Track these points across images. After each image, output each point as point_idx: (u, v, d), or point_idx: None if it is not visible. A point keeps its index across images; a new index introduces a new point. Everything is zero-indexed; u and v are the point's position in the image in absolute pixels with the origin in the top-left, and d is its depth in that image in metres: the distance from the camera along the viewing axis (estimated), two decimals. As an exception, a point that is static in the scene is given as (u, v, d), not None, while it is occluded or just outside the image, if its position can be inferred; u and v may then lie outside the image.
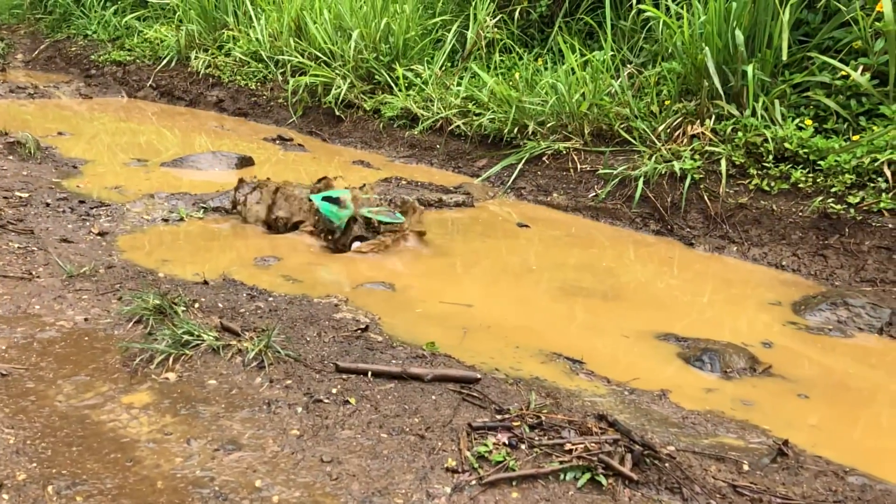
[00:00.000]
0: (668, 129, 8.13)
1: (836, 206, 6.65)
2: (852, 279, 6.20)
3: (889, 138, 6.75)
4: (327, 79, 10.95)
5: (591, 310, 5.41)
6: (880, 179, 6.59)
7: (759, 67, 7.75)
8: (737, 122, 7.65)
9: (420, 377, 4.01)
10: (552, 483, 3.18)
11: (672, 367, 4.61)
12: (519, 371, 4.34)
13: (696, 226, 7.31)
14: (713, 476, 3.26)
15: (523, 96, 9.17)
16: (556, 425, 3.56)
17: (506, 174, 8.77)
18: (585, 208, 8.02)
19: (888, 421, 4.26)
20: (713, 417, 3.97)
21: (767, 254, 6.74)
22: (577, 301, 5.53)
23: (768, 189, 7.12)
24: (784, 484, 3.29)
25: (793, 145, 7.17)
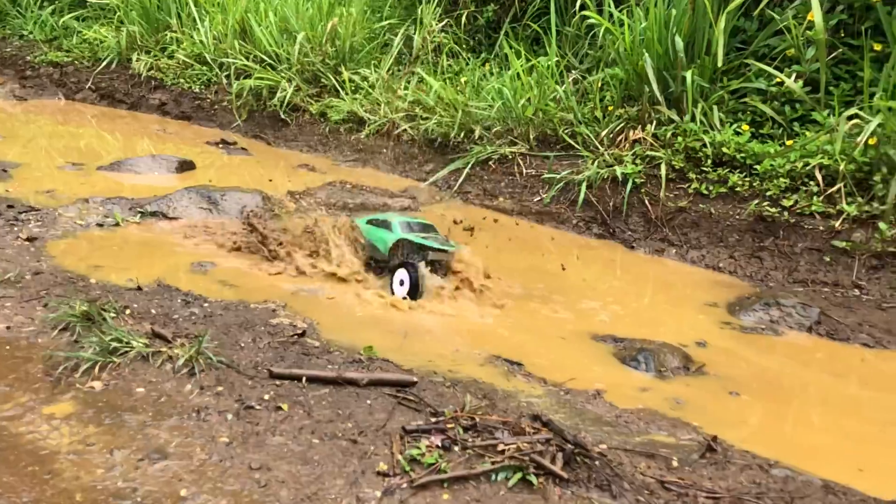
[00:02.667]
0: (610, 134, 8.24)
1: (771, 210, 6.83)
2: (786, 280, 6.37)
3: (820, 143, 6.96)
4: (273, 82, 10.82)
5: (532, 312, 5.44)
6: (812, 183, 6.79)
7: (698, 73, 7.92)
8: (677, 128, 7.80)
9: (355, 382, 3.97)
10: (483, 484, 3.17)
11: (608, 367, 4.66)
12: (457, 374, 4.33)
13: (638, 229, 7.43)
14: (642, 473, 3.30)
15: (470, 101, 9.20)
16: (491, 426, 3.56)
17: (453, 178, 8.78)
18: (531, 212, 8.08)
19: (814, 416, 4.38)
20: (646, 416, 4.02)
21: (705, 256, 6.89)
22: (518, 303, 5.56)
23: (707, 193, 7.28)
24: (711, 478, 3.35)
25: (730, 150, 7.34)
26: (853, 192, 6.58)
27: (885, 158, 6.48)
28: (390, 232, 5.76)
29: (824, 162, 6.76)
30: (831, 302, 5.89)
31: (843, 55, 7.57)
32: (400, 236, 5.68)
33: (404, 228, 5.77)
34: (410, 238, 5.64)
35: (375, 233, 5.88)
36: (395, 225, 5.79)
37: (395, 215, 6.07)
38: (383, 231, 5.82)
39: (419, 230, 5.83)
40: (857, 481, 3.49)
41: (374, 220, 6.03)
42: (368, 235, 5.94)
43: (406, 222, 5.87)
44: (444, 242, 5.77)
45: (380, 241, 5.82)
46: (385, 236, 5.78)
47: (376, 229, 5.88)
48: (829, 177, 6.72)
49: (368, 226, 6.00)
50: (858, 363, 5.01)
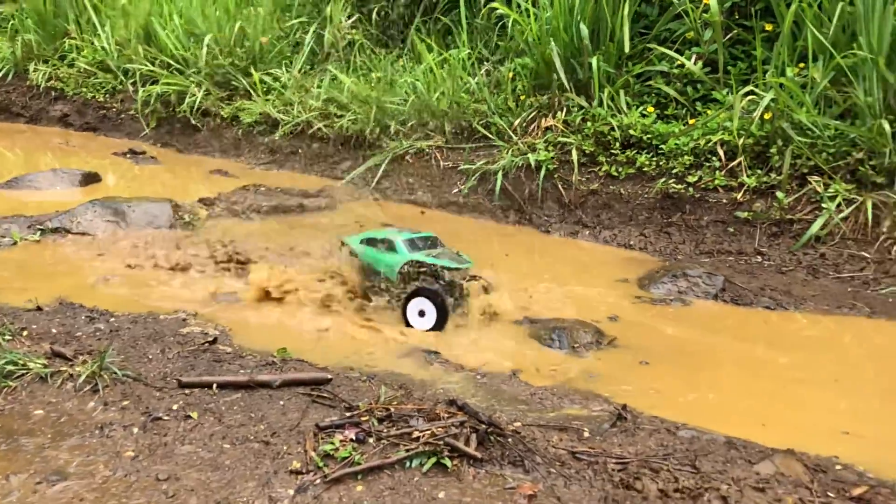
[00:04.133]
0: (523, 122, 8.36)
1: (677, 186, 7.06)
2: (693, 252, 6.61)
3: (720, 120, 7.24)
4: (181, 87, 10.55)
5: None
6: (714, 159, 7.05)
7: (604, 59, 8.12)
8: (586, 113, 7.98)
9: (268, 384, 3.91)
10: (398, 472, 3.18)
11: (524, 347, 4.73)
12: (374, 368, 4.32)
13: (553, 214, 7.57)
14: (554, 446, 3.37)
15: (384, 96, 9.18)
16: (406, 415, 3.57)
17: (370, 175, 8.75)
18: (449, 204, 8.12)
19: (721, 378, 4.53)
20: (559, 391, 4.10)
21: (617, 235, 7.08)
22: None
23: (617, 174, 7.47)
24: (621, 445, 3.44)
25: (637, 132, 7.56)
26: (752, 165, 6.87)
27: (780, 131, 6.78)
28: (395, 253, 5.07)
29: (725, 138, 7.04)
30: (735, 270, 6.14)
31: (739, 36, 7.88)
32: (409, 257, 5.02)
33: (411, 247, 5.09)
34: (422, 259, 5.00)
35: (377, 255, 5.15)
36: (400, 244, 5.08)
37: (394, 231, 5.36)
38: (386, 252, 5.12)
39: (426, 246, 5.18)
40: (759, 435, 3.65)
41: (370, 239, 5.28)
42: (367, 258, 5.20)
43: (410, 239, 5.17)
44: (457, 258, 5.13)
45: (384, 265, 5.08)
46: (390, 259, 5.07)
47: (377, 251, 5.17)
48: (729, 152, 7.00)
49: (365, 247, 5.24)
50: (762, 325, 5.24)
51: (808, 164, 6.60)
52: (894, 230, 6.12)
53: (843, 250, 6.18)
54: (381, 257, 5.13)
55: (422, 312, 4.91)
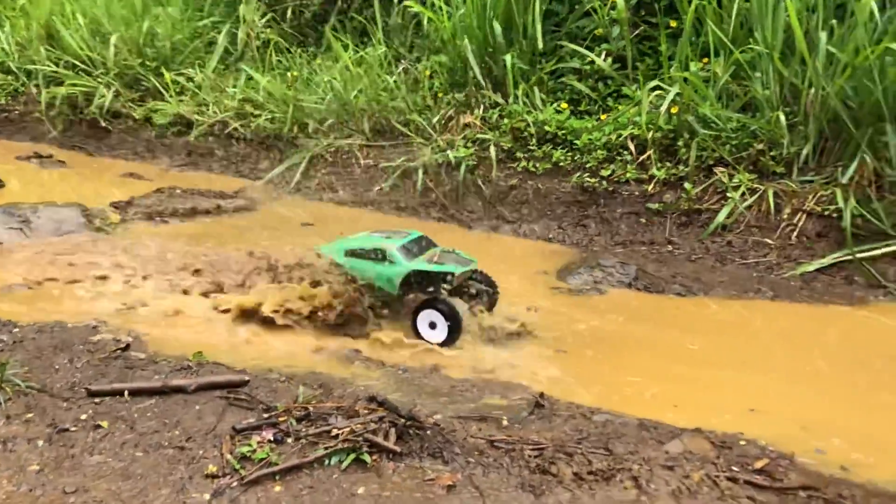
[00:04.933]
0: (442, 120, 8.42)
1: (591, 180, 7.25)
2: (608, 244, 6.80)
3: (630, 115, 7.48)
4: (88, 88, 10.13)
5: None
6: (626, 153, 7.28)
7: (518, 57, 8.25)
8: (503, 110, 8.10)
9: (183, 389, 3.82)
10: (317, 470, 3.16)
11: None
12: (294, 368, 4.27)
13: (475, 210, 7.65)
14: (473, 436, 3.42)
15: (301, 95, 9.09)
16: (325, 413, 3.55)
17: (289, 174, 8.63)
18: (371, 202, 8.10)
19: (635, 363, 4.68)
20: (480, 383, 4.17)
21: (536, 229, 7.22)
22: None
23: (534, 170, 7.61)
24: (538, 432, 3.53)
25: (552, 128, 7.72)
26: (661, 158, 7.13)
27: (686, 125, 7.06)
28: (392, 264, 4.70)
29: (635, 132, 7.27)
30: (648, 259, 6.36)
31: (645, 32, 8.15)
32: (409, 267, 4.66)
33: (407, 255, 4.74)
34: (425, 268, 4.67)
35: (370, 268, 4.74)
36: (395, 253, 4.69)
37: (379, 238, 4.91)
38: (381, 264, 4.72)
39: (420, 249, 4.85)
40: (670, 417, 3.80)
41: (356, 250, 4.81)
42: (358, 272, 4.78)
43: (401, 245, 4.78)
44: (457, 258, 4.82)
45: (382, 279, 4.70)
46: (388, 271, 4.69)
47: (369, 263, 4.76)
48: (640, 146, 7.24)
49: (354, 259, 4.80)
50: (673, 311, 5.45)
51: (714, 156, 6.90)
52: (794, 217, 6.46)
53: (747, 237, 6.48)
54: (377, 270, 4.71)
55: (433, 324, 4.66)
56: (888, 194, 6.19)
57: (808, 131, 6.57)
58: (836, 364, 4.72)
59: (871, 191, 6.21)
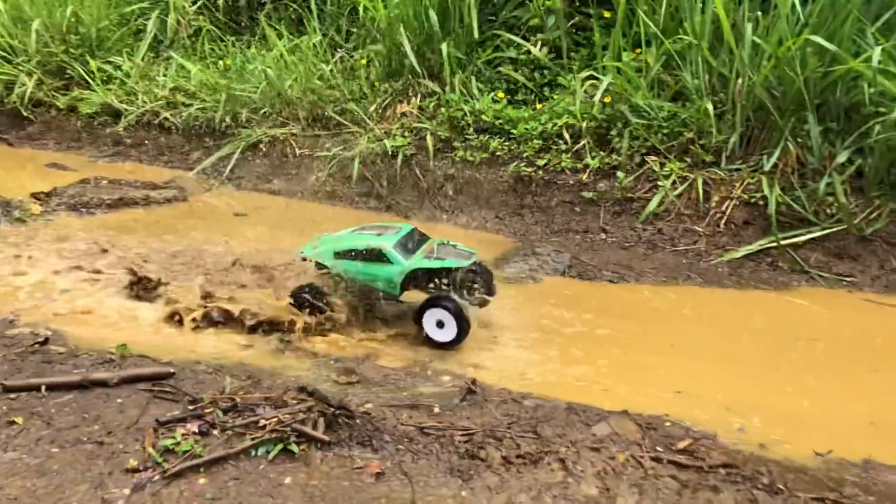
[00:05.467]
0: (379, 109, 8.36)
1: (528, 170, 7.29)
2: (544, 232, 6.86)
3: (565, 105, 7.55)
4: (9, 76, 9.69)
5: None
6: (561, 142, 7.35)
7: (455, 46, 8.24)
8: (440, 99, 8.08)
9: (105, 382, 3.69)
10: (243, 461, 3.10)
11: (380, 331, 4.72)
12: (222, 360, 4.18)
13: (412, 199, 7.61)
14: (403, 423, 3.40)
15: (234, 84, 8.88)
16: (252, 404, 3.48)
17: (222, 165, 8.43)
18: (307, 192, 7.97)
19: (566, 349, 4.71)
20: (413, 372, 4.15)
21: (475, 218, 7.23)
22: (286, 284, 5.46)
23: (472, 159, 7.61)
24: (469, 418, 3.53)
25: (489, 117, 7.73)
26: (596, 147, 7.22)
27: (619, 114, 7.17)
28: (390, 263, 4.48)
29: (570, 122, 7.34)
30: (582, 247, 6.45)
31: (580, 23, 8.24)
32: (409, 266, 4.45)
33: (404, 252, 4.53)
34: (426, 266, 4.49)
35: (366, 269, 4.51)
36: (392, 252, 4.46)
37: (370, 236, 4.64)
38: (377, 264, 4.49)
39: (416, 244, 4.67)
40: (600, 400, 3.86)
41: (347, 251, 4.55)
42: (353, 275, 4.55)
43: (397, 242, 4.55)
44: (457, 252, 4.69)
45: (381, 280, 4.51)
46: (386, 271, 4.48)
47: (364, 264, 4.52)
48: (575, 135, 7.31)
49: (346, 261, 4.56)
50: (605, 298, 5.53)
51: (646, 145, 7.02)
52: (722, 205, 6.63)
53: (678, 225, 6.63)
54: (373, 271, 4.49)
55: (440, 323, 4.47)
56: (811, 182, 6.41)
57: (736, 120, 6.75)
58: (760, 347, 4.87)
59: (795, 178, 6.43)
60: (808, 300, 5.64)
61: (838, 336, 5.04)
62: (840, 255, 6.09)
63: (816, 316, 5.44)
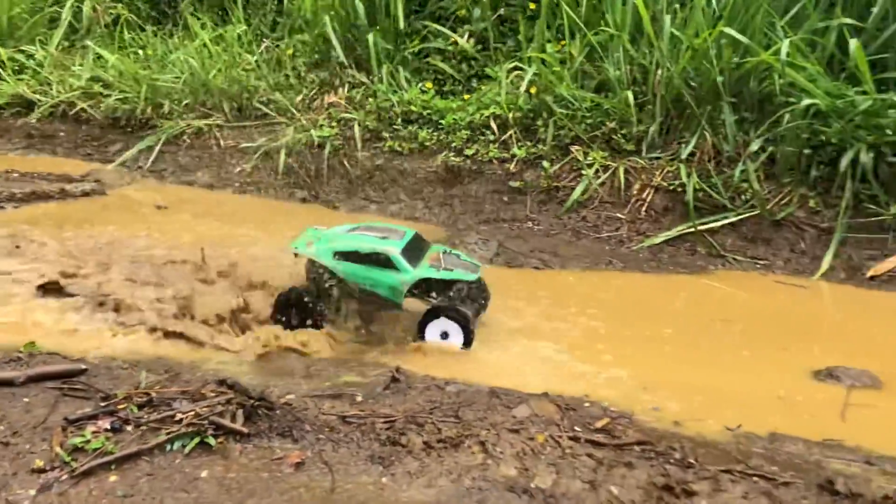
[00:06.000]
0: (305, 99, 8.26)
1: (456, 160, 7.32)
2: (473, 222, 6.91)
3: (492, 96, 7.61)
4: None
5: (226, 286, 5.26)
6: (488, 132, 7.41)
7: (382, 36, 8.20)
8: (367, 89, 8.04)
9: (11, 381, 3.54)
10: (158, 456, 3.02)
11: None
12: (139, 355, 4.06)
13: (340, 190, 7.55)
14: (324, 413, 3.38)
15: (155, 74, 8.63)
16: (169, 399, 3.40)
17: (143, 157, 8.18)
18: (232, 184, 7.82)
19: (491, 336, 4.73)
20: (336, 362, 4.13)
21: (403, 209, 7.23)
22: (210, 277, 5.34)
23: (400, 150, 7.60)
24: (391, 405, 3.53)
25: (417, 107, 7.73)
26: (522, 138, 7.30)
27: (544, 105, 7.27)
28: (396, 270, 4.24)
29: (497, 112, 7.41)
30: (509, 235, 6.53)
31: (506, 14, 8.30)
32: (416, 276, 4.25)
33: (411, 259, 4.31)
34: (435, 276, 4.31)
35: (369, 274, 4.26)
36: (399, 259, 4.22)
37: (374, 238, 4.39)
38: (383, 270, 4.25)
39: (419, 252, 4.45)
40: (522, 383, 3.92)
41: (350, 252, 4.29)
42: (353, 278, 4.28)
43: (403, 248, 4.32)
44: (463, 263, 4.51)
45: (384, 287, 4.26)
46: (391, 278, 4.25)
47: (367, 268, 4.26)
48: (502, 125, 7.38)
49: (348, 263, 4.28)
50: (531, 284, 5.61)
51: (570, 135, 7.14)
52: (643, 192, 6.81)
53: (601, 213, 6.77)
54: (376, 276, 4.23)
55: (444, 334, 4.36)
56: (726, 169, 6.64)
57: (656, 110, 6.93)
58: (678, 328, 5.02)
59: (711, 166, 6.65)
60: (724, 283, 5.85)
61: (751, 317, 5.25)
62: (754, 239, 6.34)
63: (731, 298, 5.66)
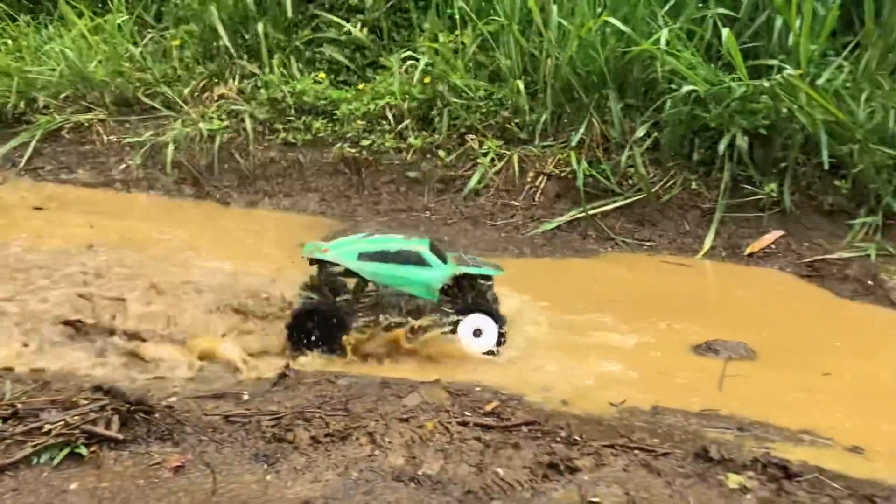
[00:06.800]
0: (194, 91, 7.96)
1: (352, 150, 7.25)
2: (371, 213, 6.87)
3: (387, 85, 7.57)
4: None
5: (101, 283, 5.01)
6: (385, 122, 7.36)
7: (272, 26, 8.01)
8: (259, 80, 7.82)
9: None
10: (23, 471, 2.84)
11: (194, 316, 4.50)
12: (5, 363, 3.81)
13: (232, 184, 7.33)
14: (207, 414, 3.27)
15: (28, 66, 8.12)
16: (37, 409, 3.19)
17: (17, 154, 7.68)
18: (117, 181, 7.46)
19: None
20: (226, 364, 4.01)
21: (298, 202, 7.10)
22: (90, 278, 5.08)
23: (294, 141, 7.45)
24: (279, 402, 3.46)
25: (311, 98, 7.59)
26: (418, 127, 7.30)
27: (439, 94, 7.29)
28: (428, 267, 4.21)
29: (392, 102, 7.37)
30: (406, 225, 6.53)
31: (400, 4, 8.25)
32: (451, 271, 4.26)
33: (439, 256, 4.31)
34: (468, 271, 4.32)
35: (402, 273, 4.20)
36: (429, 255, 4.23)
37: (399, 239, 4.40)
38: (414, 267, 4.20)
39: (439, 252, 4.41)
40: (415, 373, 3.93)
41: (376, 253, 4.24)
42: (385, 279, 4.23)
43: (430, 246, 4.34)
44: (487, 265, 4.57)
45: (416, 284, 4.21)
46: (425, 275, 4.21)
47: (398, 267, 4.20)
48: (398, 115, 7.35)
49: (376, 263, 4.22)
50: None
51: (466, 124, 7.20)
52: (537, 180, 6.94)
53: (497, 201, 6.87)
54: (409, 275, 4.20)
55: (478, 332, 4.31)
56: (614, 155, 6.86)
57: (547, 99, 7.07)
58: (570, 311, 5.14)
59: (600, 153, 6.85)
60: (614, 264, 6.06)
61: (639, 296, 5.45)
62: (641, 221, 6.59)
63: (621, 279, 5.86)
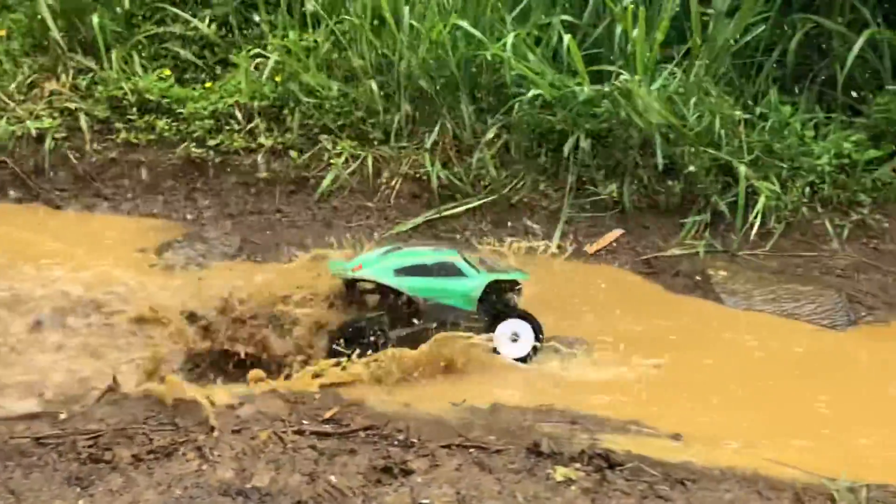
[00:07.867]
0: (21, 87, 7.37)
1: (198, 151, 6.96)
2: (219, 216, 6.62)
3: (236, 83, 7.32)
4: None
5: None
6: (234, 122, 7.12)
7: (111, 18, 7.55)
8: (96, 76, 7.35)
9: None
10: None
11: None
12: None
13: (66, 187, 6.85)
14: (16, 436, 3.02)
15: None
16: None
17: None
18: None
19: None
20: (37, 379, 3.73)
21: (140, 205, 6.74)
22: None
23: (136, 141, 7.06)
24: (102, 419, 3.25)
25: (155, 96, 7.22)
26: (269, 127, 7.11)
27: (291, 93, 7.14)
28: (464, 276, 4.29)
29: (242, 100, 7.15)
30: (255, 229, 6.36)
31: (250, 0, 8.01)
32: (485, 279, 4.29)
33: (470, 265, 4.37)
34: (500, 277, 4.39)
35: (441, 286, 4.25)
36: (464, 265, 4.34)
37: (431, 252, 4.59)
38: (453, 279, 4.27)
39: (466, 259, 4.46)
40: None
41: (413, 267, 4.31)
42: (425, 293, 4.23)
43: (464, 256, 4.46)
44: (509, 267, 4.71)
45: (456, 296, 4.25)
46: (462, 286, 4.26)
47: (437, 280, 4.26)
48: (248, 115, 7.13)
49: (414, 278, 4.25)
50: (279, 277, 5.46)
51: (319, 124, 7.09)
52: (392, 181, 6.95)
53: (351, 202, 6.82)
54: (448, 287, 4.26)
55: (515, 336, 4.32)
56: (467, 157, 6.98)
57: (401, 100, 7.09)
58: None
59: (453, 154, 6.96)
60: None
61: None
62: (493, 222, 6.75)
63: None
